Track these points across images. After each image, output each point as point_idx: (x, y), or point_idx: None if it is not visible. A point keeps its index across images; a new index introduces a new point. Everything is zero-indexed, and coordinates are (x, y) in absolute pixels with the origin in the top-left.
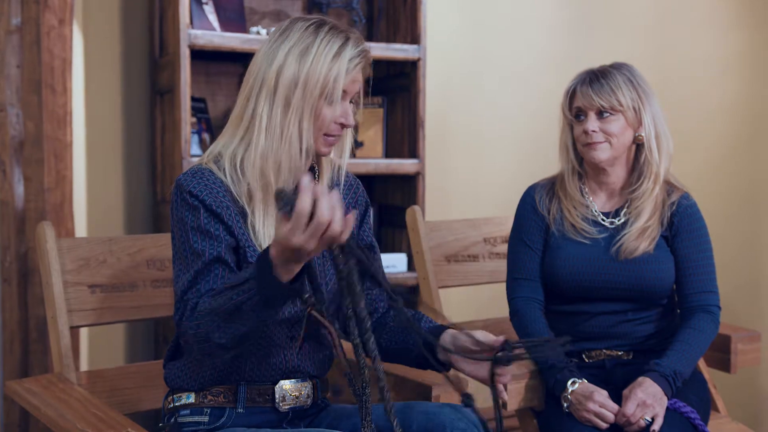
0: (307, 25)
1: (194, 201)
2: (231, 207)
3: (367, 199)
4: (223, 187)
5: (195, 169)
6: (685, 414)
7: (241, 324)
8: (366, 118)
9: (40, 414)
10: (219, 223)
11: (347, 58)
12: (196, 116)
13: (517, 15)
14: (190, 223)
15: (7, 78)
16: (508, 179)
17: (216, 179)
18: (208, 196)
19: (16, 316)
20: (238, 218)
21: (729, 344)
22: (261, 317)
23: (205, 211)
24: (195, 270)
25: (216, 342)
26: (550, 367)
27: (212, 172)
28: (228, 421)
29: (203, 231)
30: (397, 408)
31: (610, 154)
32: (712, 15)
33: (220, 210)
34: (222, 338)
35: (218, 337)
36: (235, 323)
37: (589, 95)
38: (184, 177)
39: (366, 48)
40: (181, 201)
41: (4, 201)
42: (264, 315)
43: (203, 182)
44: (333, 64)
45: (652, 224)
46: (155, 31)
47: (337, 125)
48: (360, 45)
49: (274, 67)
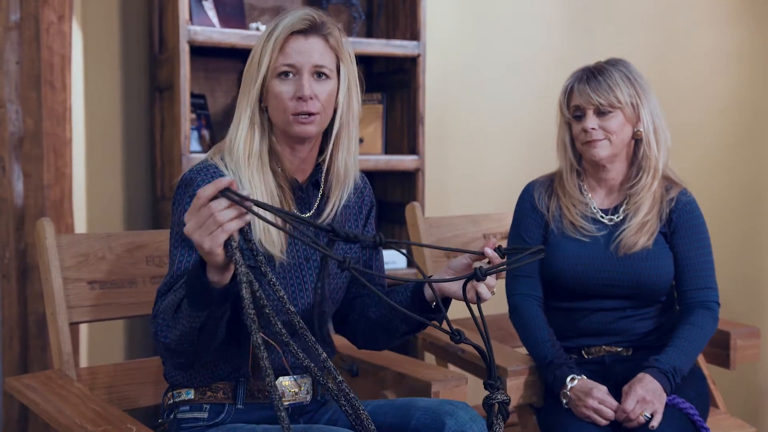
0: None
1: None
2: None
3: (373, 199)
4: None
5: (200, 166)
6: (684, 410)
7: (180, 323)
8: (365, 115)
9: (40, 410)
10: None
11: (279, 29)
12: (196, 112)
13: (516, 11)
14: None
15: (7, 74)
16: (507, 175)
17: (221, 174)
18: None
19: (16, 313)
20: None
21: (728, 340)
22: (192, 317)
23: None
24: (170, 279)
25: (162, 341)
26: (549, 363)
27: (217, 167)
28: (227, 417)
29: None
30: (396, 404)
31: (610, 151)
32: (712, 10)
33: None
34: (167, 338)
35: (164, 336)
36: (177, 323)
37: (587, 93)
38: (190, 174)
39: (310, 16)
40: (182, 198)
41: (4, 197)
42: (195, 315)
43: (208, 179)
44: (269, 39)
45: (650, 219)
46: (155, 28)
47: (297, 101)
48: (300, 13)
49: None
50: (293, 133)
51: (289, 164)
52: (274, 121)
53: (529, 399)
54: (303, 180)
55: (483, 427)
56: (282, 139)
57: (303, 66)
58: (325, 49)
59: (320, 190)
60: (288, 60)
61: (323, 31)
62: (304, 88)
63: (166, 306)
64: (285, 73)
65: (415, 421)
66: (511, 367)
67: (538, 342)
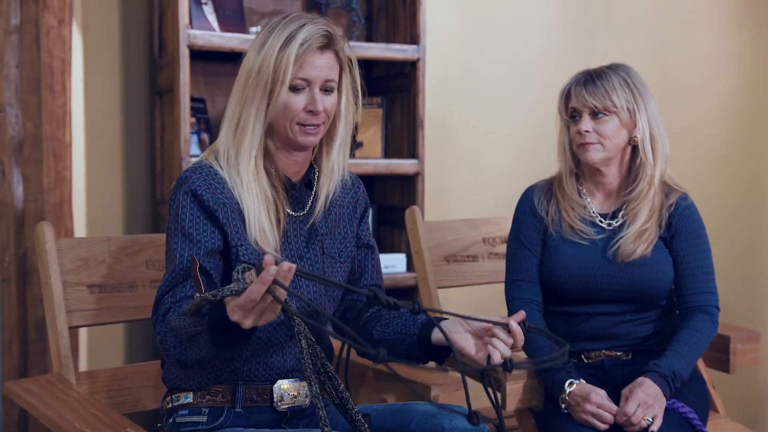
0: (279, 20)
1: (190, 198)
2: (227, 203)
3: (367, 200)
4: (222, 182)
5: (196, 165)
6: (684, 414)
7: (198, 349)
8: (365, 119)
9: (39, 414)
10: (208, 224)
11: (298, 43)
12: (196, 116)
13: (516, 13)
14: (179, 222)
15: (6, 78)
16: (507, 179)
17: (216, 174)
18: (206, 191)
19: (15, 317)
20: (234, 215)
21: (728, 344)
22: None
23: (198, 209)
24: (172, 275)
25: (175, 357)
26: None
27: (212, 167)
28: (226, 421)
29: (186, 234)
30: (395, 408)
31: (602, 155)
32: (712, 13)
33: (216, 207)
34: (181, 356)
35: (178, 353)
36: (192, 347)
37: (583, 96)
38: (186, 173)
39: (326, 32)
40: (177, 197)
41: (3, 201)
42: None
43: (203, 177)
44: (284, 50)
45: (649, 227)
46: (154, 32)
47: (307, 113)
48: (316, 28)
49: (242, 61)
50: (297, 143)
51: (283, 165)
52: (275, 127)
53: (528, 403)
54: (297, 180)
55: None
56: (280, 144)
57: (315, 80)
58: (335, 63)
59: (313, 189)
60: (303, 74)
61: (336, 45)
62: (317, 104)
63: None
64: (297, 86)
65: (414, 425)
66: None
67: (536, 348)
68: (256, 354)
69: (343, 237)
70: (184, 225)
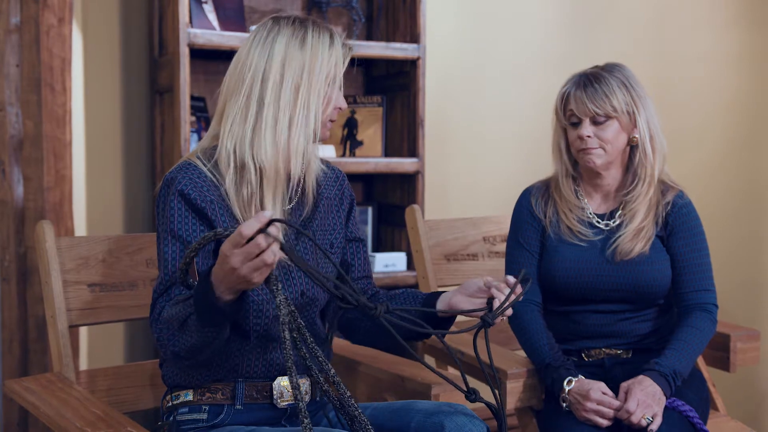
0: (292, 21)
1: (177, 198)
2: (216, 201)
3: (352, 194)
4: (208, 181)
5: (181, 165)
6: (684, 413)
7: (189, 336)
8: (365, 117)
9: (40, 413)
10: (197, 223)
11: (340, 45)
12: (196, 115)
13: (516, 13)
14: (168, 225)
15: (7, 77)
16: (507, 178)
17: (201, 173)
18: (193, 190)
19: (16, 316)
20: (222, 212)
21: (728, 343)
22: (204, 333)
23: (186, 210)
24: (165, 277)
25: (171, 350)
26: (546, 366)
27: (197, 167)
28: (227, 418)
29: (176, 236)
30: (395, 407)
31: (605, 159)
32: (711, 13)
33: (204, 204)
34: (175, 347)
35: (173, 345)
36: (185, 335)
37: (583, 101)
38: (171, 173)
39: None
40: (165, 198)
41: (4, 200)
42: (206, 331)
43: (188, 176)
44: (332, 51)
45: (646, 225)
46: (154, 30)
47: (336, 110)
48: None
49: (277, 59)
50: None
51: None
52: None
53: (528, 402)
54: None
55: (482, 429)
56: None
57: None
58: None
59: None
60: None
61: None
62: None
63: (171, 318)
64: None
65: (414, 423)
66: (510, 369)
67: (536, 348)
68: (256, 351)
69: (332, 229)
70: (173, 227)
